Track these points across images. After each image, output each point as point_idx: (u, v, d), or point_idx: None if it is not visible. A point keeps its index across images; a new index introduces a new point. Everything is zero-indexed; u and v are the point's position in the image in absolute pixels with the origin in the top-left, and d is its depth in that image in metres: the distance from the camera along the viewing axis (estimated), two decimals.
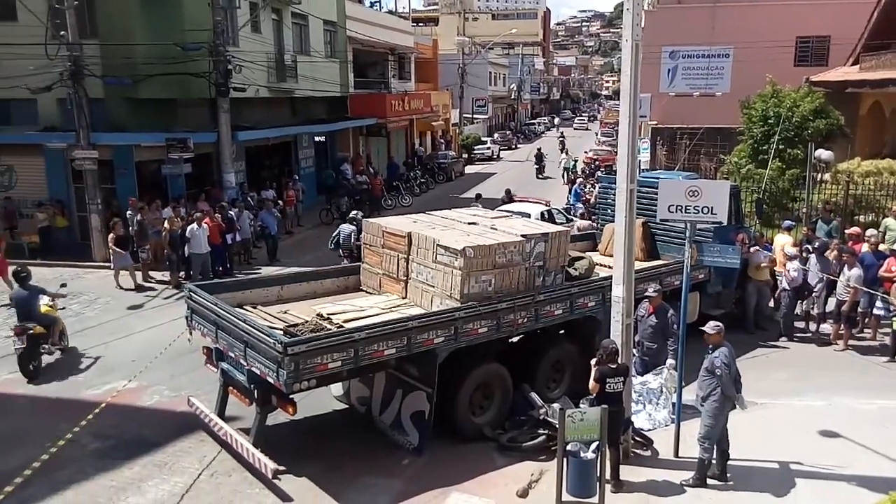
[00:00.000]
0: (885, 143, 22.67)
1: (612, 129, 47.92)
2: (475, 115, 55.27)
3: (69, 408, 10.01)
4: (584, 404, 8.23)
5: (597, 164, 34.79)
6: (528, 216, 14.69)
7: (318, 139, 28.98)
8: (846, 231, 14.58)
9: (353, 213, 15.56)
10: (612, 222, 10.66)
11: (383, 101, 32.40)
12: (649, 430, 9.11)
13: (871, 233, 13.22)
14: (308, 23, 26.72)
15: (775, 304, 13.42)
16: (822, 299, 12.64)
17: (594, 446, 7.44)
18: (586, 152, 40.77)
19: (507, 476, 8.32)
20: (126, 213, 17.65)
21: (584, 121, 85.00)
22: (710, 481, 7.93)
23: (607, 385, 7.67)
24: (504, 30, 69.51)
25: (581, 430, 7.31)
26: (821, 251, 12.75)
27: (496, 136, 56.19)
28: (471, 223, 9.96)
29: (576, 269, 10.23)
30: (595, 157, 37.81)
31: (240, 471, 8.46)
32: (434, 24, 68.92)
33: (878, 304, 12.10)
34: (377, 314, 8.84)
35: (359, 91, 32.06)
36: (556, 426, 7.64)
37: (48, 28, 17.49)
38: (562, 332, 10.26)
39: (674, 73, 29.33)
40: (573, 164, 34.22)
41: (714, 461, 7.96)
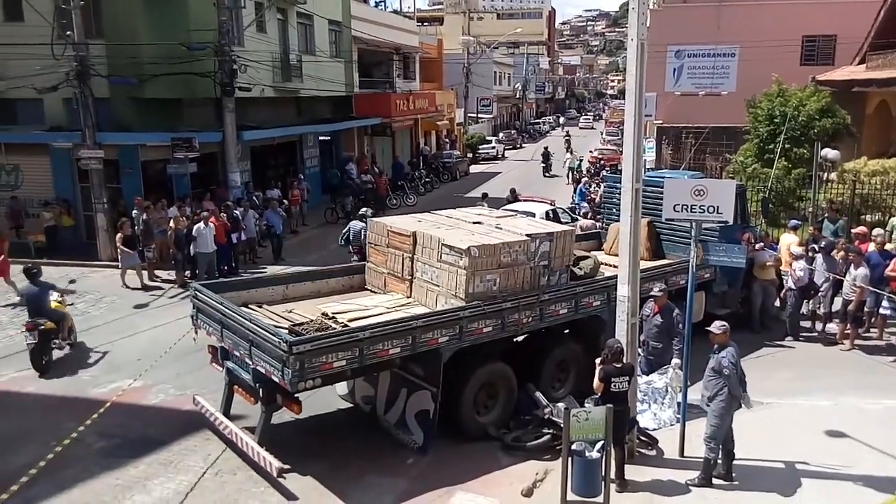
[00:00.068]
0: (892, 143, 22.55)
1: (618, 128, 47.81)
2: (480, 115, 55.26)
3: (75, 406, 10.04)
4: (589, 403, 8.21)
5: (602, 163, 34.80)
6: (533, 215, 14.67)
7: (323, 139, 29.02)
8: (852, 230, 14.53)
9: (363, 211, 15.82)
10: (617, 222, 10.65)
11: (388, 101, 32.40)
12: (654, 429, 9.10)
13: (877, 232, 13.16)
14: (313, 22, 26.74)
15: (781, 304, 13.38)
16: (828, 299, 12.60)
17: (599, 446, 7.42)
18: (591, 151, 40.70)
19: (512, 475, 8.31)
20: (132, 213, 17.71)
21: (589, 120, 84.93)
22: (715, 481, 7.91)
23: (612, 384, 7.65)
24: (509, 29, 69.45)
25: (586, 430, 7.30)
26: (827, 250, 12.71)
27: (501, 135, 56.16)
28: (476, 222, 9.96)
29: (581, 269, 10.23)
30: (600, 156, 37.77)
31: (245, 469, 8.47)
32: (439, 24, 68.97)
33: (885, 303, 12.07)
34: (382, 313, 8.85)
35: (364, 91, 32.09)
36: (561, 425, 7.64)
37: (54, 28, 17.53)
38: (567, 331, 10.26)
39: (679, 72, 29.18)
40: (578, 163, 34.18)
41: (719, 461, 7.95)
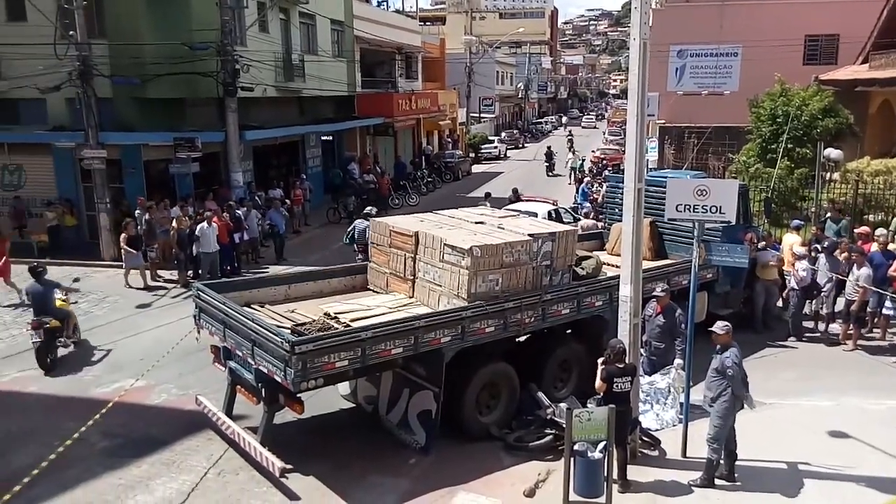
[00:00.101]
0: (895, 142, 22.52)
1: (620, 128, 47.80)
2: (482, 115, 55.26)
3: (78, 406, 10.05)
4: (592, 404, 8.21)
5: (604, 163, 34.76)
6: (536, 215, 14.67)
7: (325, 138, 29.04)
8: (855, 230, 14.51)
9: (368, 210, 15.98)
10: (619, 221, 10.64)
11: (390, 101, 32.42)
12: (657, 429, 9.09)
13: (880, 232, 13.13)
14: (315, 22, 26.75)
15: (783, 304, 13.37)
16: (831, 299, 12.58)
17: (601, 446, 7.42)
18: (594, 151, 40.69)
19: (514, 476, 8.31)
20: (135, 213, 17.73)
21: (592, 119, 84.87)
22: (717, 481, 7.91)
23: (615, 385, 7.64)
24: (511, 29, 69.41)
25: (588, 430, 7.30)
26: (830, 251, 12.69)
27: (503, 135, 56.16)
28: (478, 222, 9.95)
29: (583, 269, 10.22)
30: (603, 156, 37.75)
31: (247, 469, 8.48)
32: (441, 24, 68.93)
33: (888, 303, 12.05)
34: (384, 313, 8.85)
35: (366, 90, 32.09)
36: (563, 426, 7.64)
37: (57, 28, 17.56)
38: (569, 331, 10.26)
39: (682, 71, 29.16)
40: (580, 163, 34.17)
41: (722, 461, 7.94)
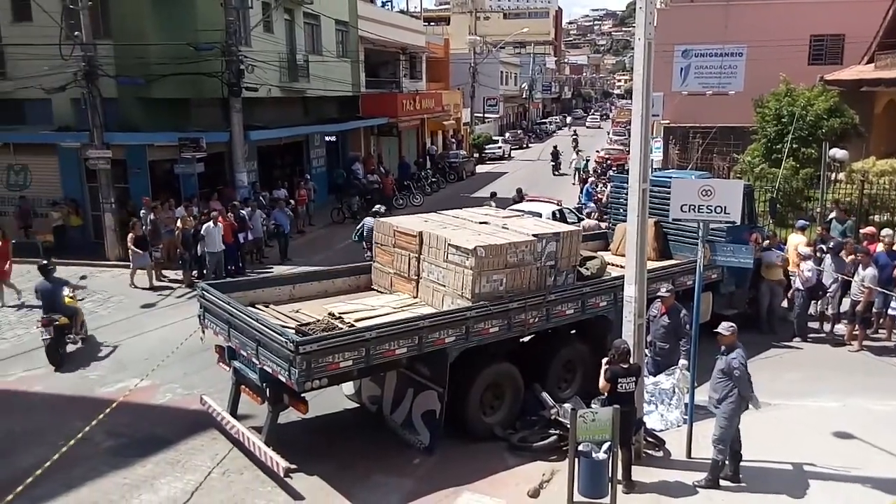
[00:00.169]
0: None
1: (624, 128, 47.75)
2: (486, 115, 55.25)
3: (83, 405, 10.07)
4: (596, 404, 8.20)
5: (609, 163, 34.70)
6: (540, 216, 14.67)
7: (329, 139, 29.04)
8: (861, 231, 14.46)
9: (377, 208, 16.22)
10: (624, 222, 10.63)
11: (394, 101, 32.43)
12: (661, 430, 9.08)
13: (886, 232, 13.08)
14: (320, 22, 26.79)
15: (788, 305, 13.33)
16: (836, 299, 12.54)
17: (606, 447, 7.41)
18: (598, 151, 40.64)
19: (518, 476, 8.31)
20: (140, 213, 17.78)
21: (596, 119, 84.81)
22: (722, 482, 7.89)
23: (619, 385, 7.64)
24: (515, 29, 69.36)
25: (593, 431, 7.29)
26: (836, 251, 12.65)
27: (507, 135, 56.10)
28: (482, 223, 9.95)
29: (587, 269, 10.20)
30: (607, 156, 37.68)
31: (252, 469, 8.49)
32: (445, 24, 69.03)
33: (893, 304, 12.00)
34: (388, 313, 8.85)
35: (370, 90, 32.12)
36: (568, 426, 7.63)
37: (62, 28, 17.60)
38: (573, 331, 10.24)
39: (686, 71, 29.17)
40: (584, 163, 34.14)
41: (727, 462, 7.92)
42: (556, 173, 37.77)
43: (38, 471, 7.41)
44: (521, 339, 9.86)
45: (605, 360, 7.89)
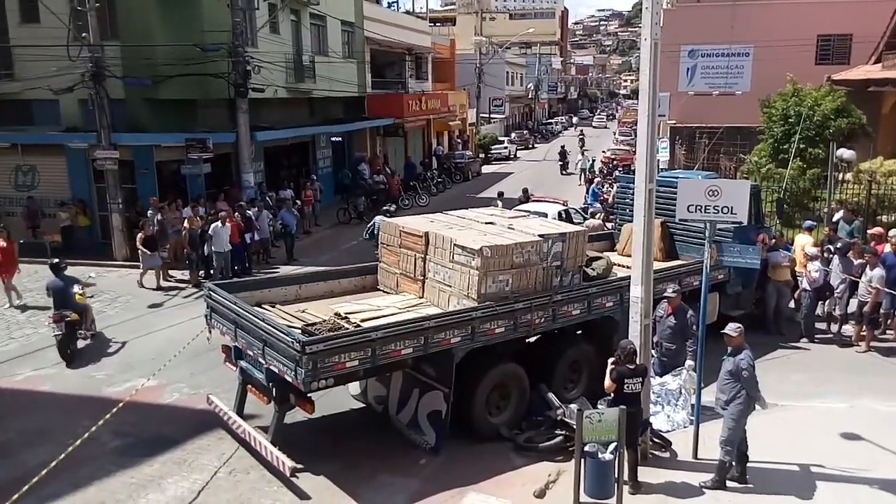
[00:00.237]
0: None
1: (631, 128, 47.63)
2: (492, 115, 55.21)
3: (90, 405, 10.11)
4: (602, 405, 8.19)
5: (615, 163, 34.64)
6: (546, 216, 14.65)
7: (335, 139, 29.10)
8: (868, 231, 14.40)
9: (387, 207, 16.44)
10: (630, 222, 10.60)
11: (400, 102, 32.46)
12: (668, 431, 9.06)
13: (893, 233, 13.00)
14: (326, 23, 26.80)
15: (795, 305, 13.29)
16: (844, 300, 12.49)
17: (612, 447, 7.40)
18: (604, 152, 40.58)
19: (524, 476, 8.30)
20: (147, 213, 17.84)
21: (602, 119, 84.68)
22: (729, 483, 7.86)
23: (625, 386, 7.62)
24: (521, 29, 69.35)
25: (599, 431, 7.28)
26: (843, 252, 12.60)
27: (513, 135, 56.11)
28: (488, 223, 9.95)
29: (593, 269, 10.20)
30: (613, 156, 37.63)
31: (258, 468, 8.51)
32: (451, 24, 68.96)
33: None
34: (394, 314, 8.86)
35: (376, 91, 32.15)
36: (574, 427, 7.62)
37: (70, 30, 17.68)
38: (579, 332, 10.23)
39: (693, 71, 29.10)
40: (590, 163, 34.11)
41: (733, 463, 7.90)
42: (564, 172, 37.92)
43: (44, 470, 7.43)
44: (527, 340, 9.84)
45: (611, 361, 7.87)
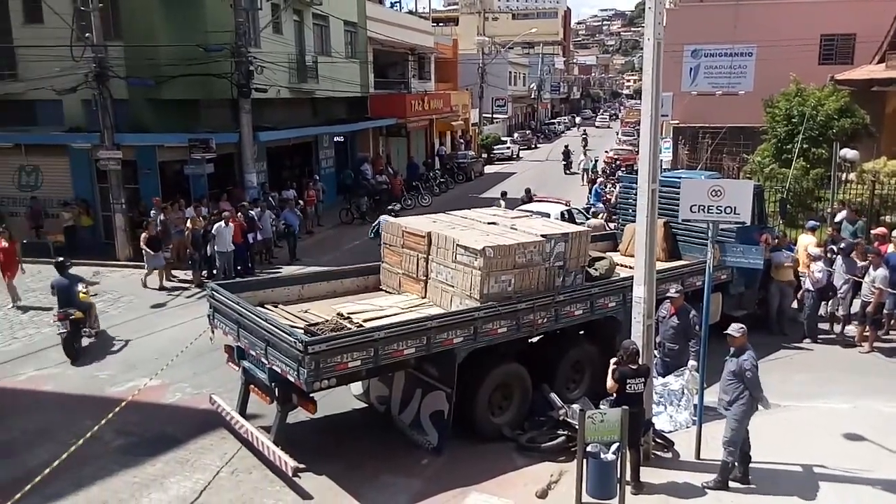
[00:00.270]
0: None
1: (633, 128, 47.59)
2: (495, 115, 55.23)
3: (93, 404, 10.12)
4: (605, 405, 8.18)
5: (617, 163, 34.61)
6: (548, 216, 14.65)
7: (338, 139, 29.12)
8: (872, 231, 14.37)
9: (392, 206, 16.08)
10: (633, 222, 10.60)
11: (403, 102, 32.49)
12: (670, 431, 9.05)
13: None
14: (329, 24, 26.84)
15: (798, 305, 13.26)
16: (847, 300, 12.47)
17: (614, 447, 7.40)
18: (607, 152, 40.58)
19: (527, 476, 8.30)
20: (150, 213, 17.87)
21: (605, 119, 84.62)
22: (731, 484, 7.86)
23: (628, 386, 7.61)
24: (524, 29, 69.29)
25: (601, 432, 7.27)
26: (846, 252, 12.58)
27: (516, 135, 56.14)
28: (491, 223, 9.95)
29: (596, 270, 10.18)
30: (616, 156, 37.59)
31: (260, 468, 8.52)
32: (454, 24, 69.03)
33: None
34: (397, 314, 8.86)
35: (379, 91, 32.17)
36: (576, 427, 7.61)
37: (73, 30, 17.71)
38: (582, 332, 10.22)
39: (696, 71, 29.08)
40: (593, 164, 34.12)
41: (736, 464, 7.89)
42: (568, 172, 37.98)
43: (47, 469, 7.45)
44: (530, 340, 9.84)
45: (613, 361, 7.87)
